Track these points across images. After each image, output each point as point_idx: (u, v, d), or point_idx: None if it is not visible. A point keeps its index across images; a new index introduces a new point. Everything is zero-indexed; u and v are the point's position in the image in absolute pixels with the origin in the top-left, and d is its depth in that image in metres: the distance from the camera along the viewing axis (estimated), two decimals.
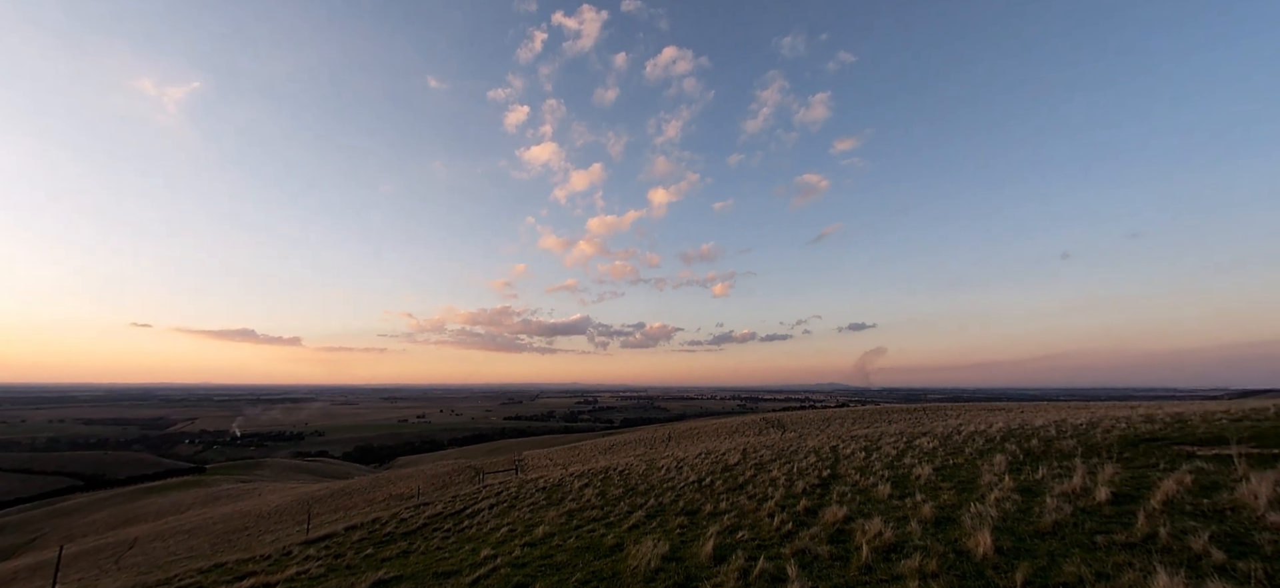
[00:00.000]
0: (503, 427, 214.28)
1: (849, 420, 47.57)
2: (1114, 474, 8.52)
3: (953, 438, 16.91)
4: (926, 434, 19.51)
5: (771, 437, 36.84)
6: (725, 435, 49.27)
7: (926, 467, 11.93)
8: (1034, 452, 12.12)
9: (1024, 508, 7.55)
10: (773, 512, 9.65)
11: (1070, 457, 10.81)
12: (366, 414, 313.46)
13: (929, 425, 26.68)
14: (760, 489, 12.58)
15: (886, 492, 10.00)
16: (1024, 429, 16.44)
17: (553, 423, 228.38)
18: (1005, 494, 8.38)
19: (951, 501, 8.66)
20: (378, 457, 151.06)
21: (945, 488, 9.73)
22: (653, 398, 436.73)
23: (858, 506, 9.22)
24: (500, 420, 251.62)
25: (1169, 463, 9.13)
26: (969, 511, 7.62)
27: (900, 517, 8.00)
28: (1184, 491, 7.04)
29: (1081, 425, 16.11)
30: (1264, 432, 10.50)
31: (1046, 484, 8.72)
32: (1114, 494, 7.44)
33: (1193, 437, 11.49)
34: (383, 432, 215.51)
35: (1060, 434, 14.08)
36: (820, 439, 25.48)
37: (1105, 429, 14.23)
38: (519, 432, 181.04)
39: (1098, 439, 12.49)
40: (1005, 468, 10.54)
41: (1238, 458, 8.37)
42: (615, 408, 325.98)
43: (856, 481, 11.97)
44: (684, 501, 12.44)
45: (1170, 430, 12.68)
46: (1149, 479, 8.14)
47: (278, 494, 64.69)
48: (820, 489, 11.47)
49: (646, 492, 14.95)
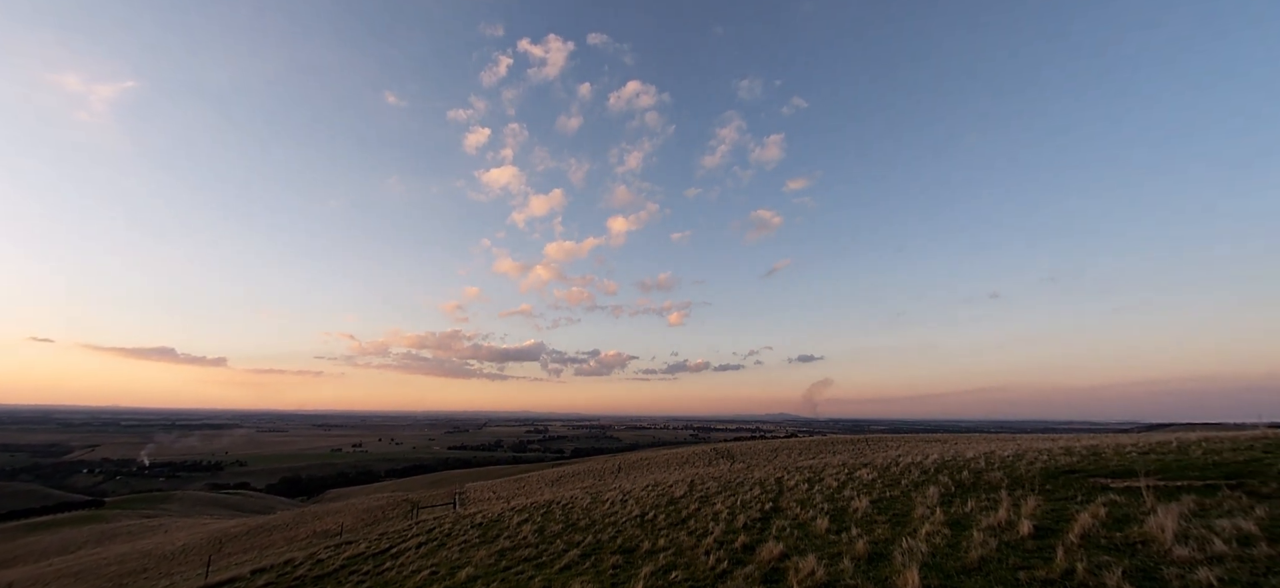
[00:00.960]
0: (446, 457, 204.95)
1: (796, 451, 48.23)
2: (1036, 507, 8.76)
3: (891, 469, 17.23)
4: (867, 465, 19.83)
5: (720, 468, 36.72)
6: (675, 467, 48.83)
7: (864, 499, 11.99)
8: (964, 483, 12.43)
9: (953, 543, 7.58)
10: (710, 549, 9.35)
11: (997, 489, 11.11)
12: (296, 442, 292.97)
13: (870, 457, 27.27)
14: (702, 524, 12.28)
15: (824, 526, 9.91)
16: (956, 461, 16.96)
17: (500, 453, 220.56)
18: (936, 528, 8.43)
19: (885, 535, 8.64)
20: (306, 489, 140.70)
21: (881, 522, 9.74)
22: (605, 427, 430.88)
23: (795, 541, 9.06)
24: (444, 450, 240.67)
25: (1085, 495, 9.49)
26: (901, 546, 7.59)
27: (835, 553, 7.89)
28: (1099, 523, 7.26)
29: (1008, 457, 16.78)
30: (1168, 465, 11.17)
31: (974, 517, 8.86)
32: (1036, 528, 7.59)
33: (1106, 469, 12.09)
34: (313, 462, 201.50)
35: (989, 466, 14.56)
36: (766, 470, 25.51)
37: (1029, 461, 14.84)
38: (464, 463, 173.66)
39: (1022, 471, 12.96)
40: (937, 500, 10.70)
41: (1146, 490, 8.80)
42: (566, 437, 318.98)
43: (797, 514, 11.88)
44: (623, 537, 11.96)
45: (1086, 463, 13.32)
46: (1067, 512, 8.39)
47: (186, 531, 58.76)
48: (761, 524, 11.29)
49: (587, 528, 14.34)
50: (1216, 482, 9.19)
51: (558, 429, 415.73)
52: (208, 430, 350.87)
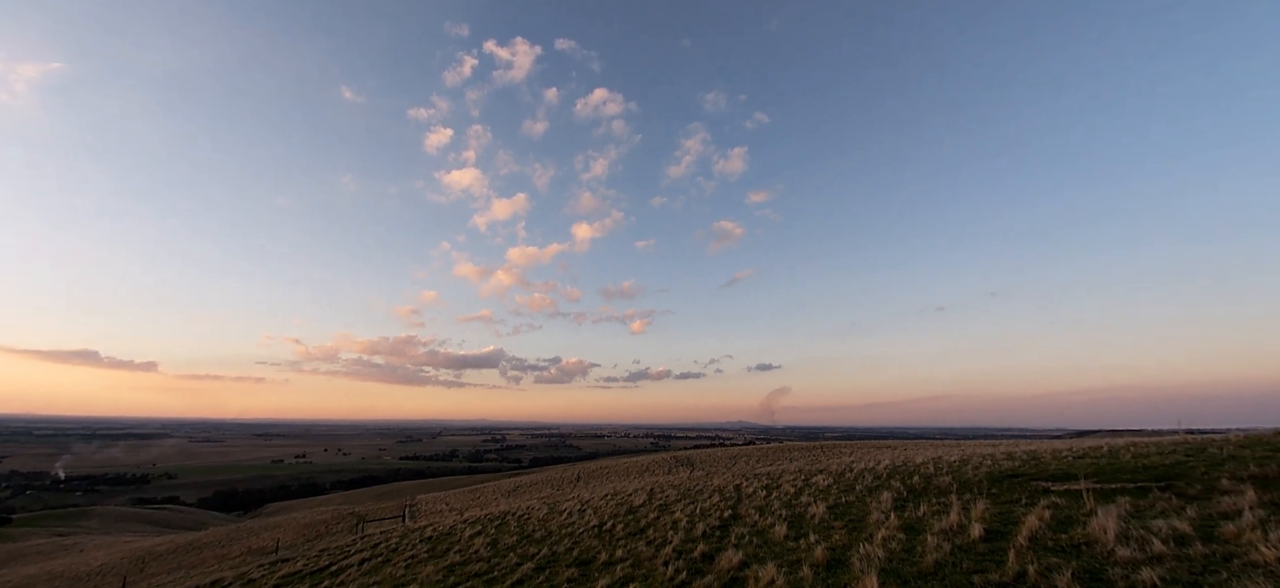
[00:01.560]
0: (398, 467, 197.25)
1: (754, 458, 48.77)
2: (985, 510, 8.97)
3: (845, 475, 17.50)
4: (822, 472, 20.12)
5: (680, 476, 36.65)
6: (635, 475, 48.47)
7: (821, 505, 12.06)
8: (916, 488, 12.70)
9: (908, 547, 7.64)
10: (669, 559, 9.14)
11: (947, 493, 11.38)
12: (234, 453, 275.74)
13: (825, 463, 27.77)
14: (661, 533, 12.05)
15: (783, 533, 9.87)
16: (907, 467, 17.40)
17: (455, 463, 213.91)
18: (891, 533, 8.50)
19: (843, 541, 8.65)
20: (243, 503, 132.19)
21: (838, 527, 9.77)
22: (565, 436, 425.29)
23: (754, 549, 8.96)
24: (395, 461, 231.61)
25: (1029, 498, 9.81)
26: (858, 552, 7.58)
27: (794, 561, 7.81)
28: (1045, 526, 7.47)
29: (955, 462, 17.34)
30: (1102, 468, 11.72)
31: (927, 521, 8.99)
32: (986, 531, 7.74)
33: (1046, 473, 12.59)
34: (252, 474, 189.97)
35: (938, 471, 14.97)
36: (725, 478, 25.56)
37: (975, 466, 15.35)
38: (416, 473, 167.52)
39: (969, 475, 13.36)
40: (891, 505, 10.85)
41: (1086, 493, 9.15)
42: (525, 447, 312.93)
43: (756, 521, 11.82)
44: (579, 549, 11.59)
45: (1028, 467, 13.86)
46: (1014, 514, 8.62)
47: (105, 550, 54.08)
48: (720, 531, 11.17)
49: (542, 540, 13.87)
50: (1147, 484, 9.67)
51: (516, 438, 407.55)
52: (134, 440, 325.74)
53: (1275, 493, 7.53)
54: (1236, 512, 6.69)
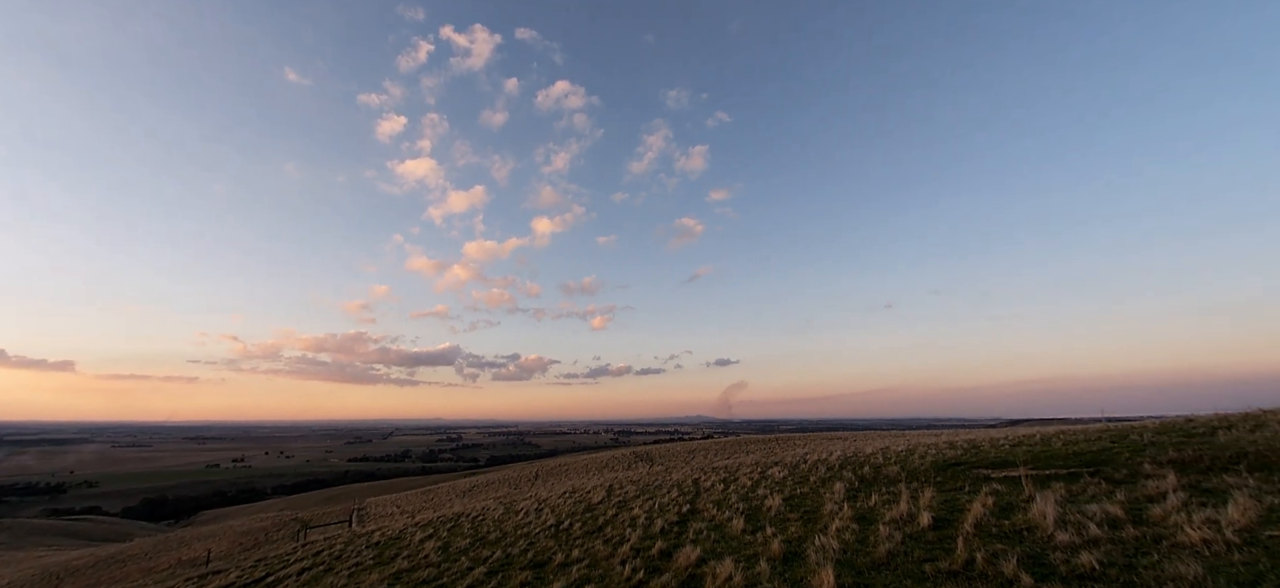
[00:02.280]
0: (346, 470, 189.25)
1: (712, 452, 49.37)
2: (932, 499, 9.24)
3: (800, 467, 17.84)
4: (778, 464, 20.46)
5: (639, 471, 36.64)
6: (594, 471, 48.19)
7: (777, 498, 12.18)
8: (867, 478, 13.03)
9: (861, 537, 7.76)
10: (626, 558, 8.97)
11: (896, 482, 11.71)
12: (163, 458, 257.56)
13: (780, 455, 28.34)
14: (619, 531, 11.88)
15: (740, 527, 9.88)
16: (857, 457, 17.89)
17: (408, 464, 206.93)
18: (845, 524, 8.63)
19: (798, 533, 8.72)
20: (174, 511, 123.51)
21: (793, 519, 9.87)
22: (524, 434, 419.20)
23: (712, 544, 8.92)
24: (343, 463, 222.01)
25: (972, 486, 10.19)
26: (814, 544, 7.64)
27: (751, 555, 7.80)
28: (988, 513, 7.73)
29: (902, 452, 17.98)
30: (1037, 456, 12.35)
31: (879, 511, 9.19)
32: (934, 519, 7.95)
33: (986, 461, 13.18)
34: (184, 480, 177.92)
35: (887, 461, 15.45)
36: (684, 472, 25.66)
37: (921, 456, 15.93)
38: (367, 475, 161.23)
39: (916, 465, 13.83)
40: (844, 496, 11.07)
41: (1024, 480, 9.58)
42: (482, 446, 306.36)
43: (713, 515, 11.82)
44: (535, 550, 11.28)
45: (969, 456, 14.47)
46: (959, 502, 8.92)
47: (13, 567, 49.35)
48: (678, 527, 11.11)
49: (496, 541, 13.45)
50: (1078, 470, 10.22)
51: (473, 437, 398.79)
52: (48, 447, 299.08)
53: (1192, 476, 8.07)
54: (1161, 495, 7.11)
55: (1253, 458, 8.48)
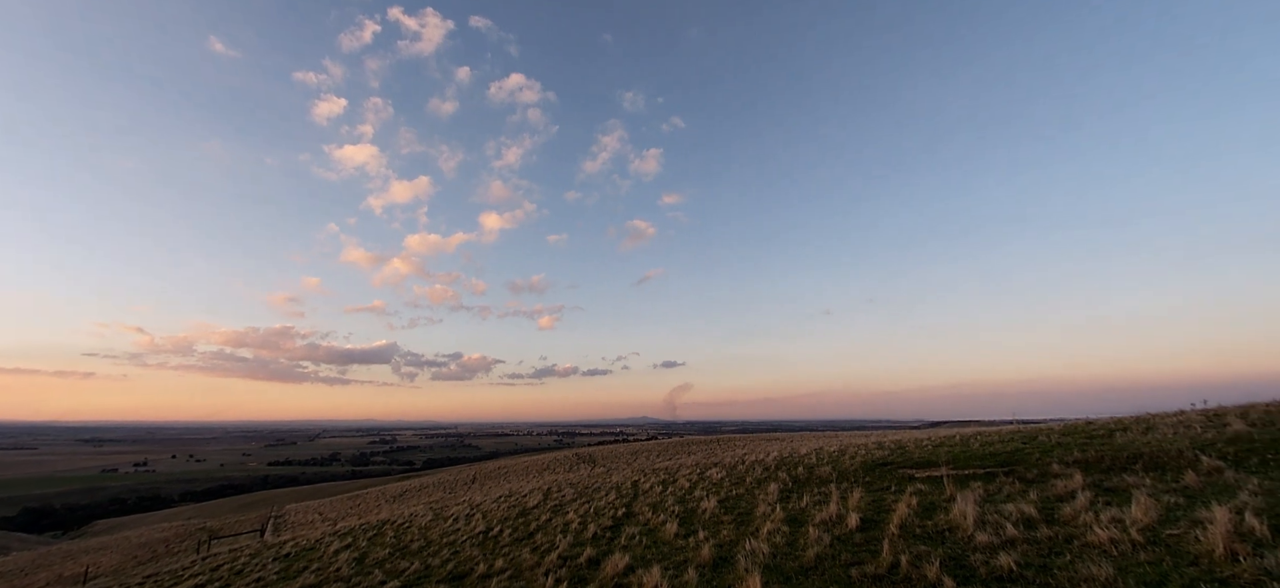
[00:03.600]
0: (266, 475, 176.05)
1: (654, 453, 49.40)
2: (860, 499, 9.35)
3: (737, 468, 17.92)
4: (717, 465, 20.52)
5: (580, 474, 36.04)
6: (534, 474, 47.06)
7: (713, 500, 12.06)
8: (800, 479, 13.17)
9: (791, 540, 7.66)
10: (552, 567, 8.50)
11: (827, 483, 11.86)
12: (51, 462, 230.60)
13: (720, 456, 28.60)
14: (550, 537, 11.37)
15: (673, 531, 9.63)
16: (792, 458, 18.19)
17: (336, 468, 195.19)
18: (776, 526, 8.54)
19: (730, 536, 8.56)
20: (63, 522, 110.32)
21: (727, 522, 9.73)
22: (464, 436, 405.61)
23: (643, 551, 8.60)
24: (263, 467, 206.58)
25: (898, 486, 10.43)
26: (744, 548, 7.47)
27: (681, 562, 7.54)
28: (913, 513, 7.84)
29: (835, 452, 18.44)
30: (957, 456, 12.87)
31: (809, 512, 9.19)
32: (862, 520, 7.99)
33: (911, 461, 13.63)
34: (75, 486, 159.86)
35: (820, 462, 15.74)
36: (625, 474, 25.36)
37: (851, 456, 16.35)
38: (289, 480, 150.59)
39: (846, 465, 14.14)
40: (777, 497, 11.07)
41: (945, 479, 9.87)
42: (417, 448, 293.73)
43: (649, 519, 11.54)
44: (458, 560, 10.58)
45: (896, 457, 14.96)
46: (886, 502, 9.05)
47: None
48: (611, 532, 10.74)
49: (418, 551, 12.59)
50: (994, 469, 10.67)
51: (408, 439, 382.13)
52: None
53: (1096, 475, 8.54)
54: (1070, 494, 7.44)
55: (1147, 458, 9.10)
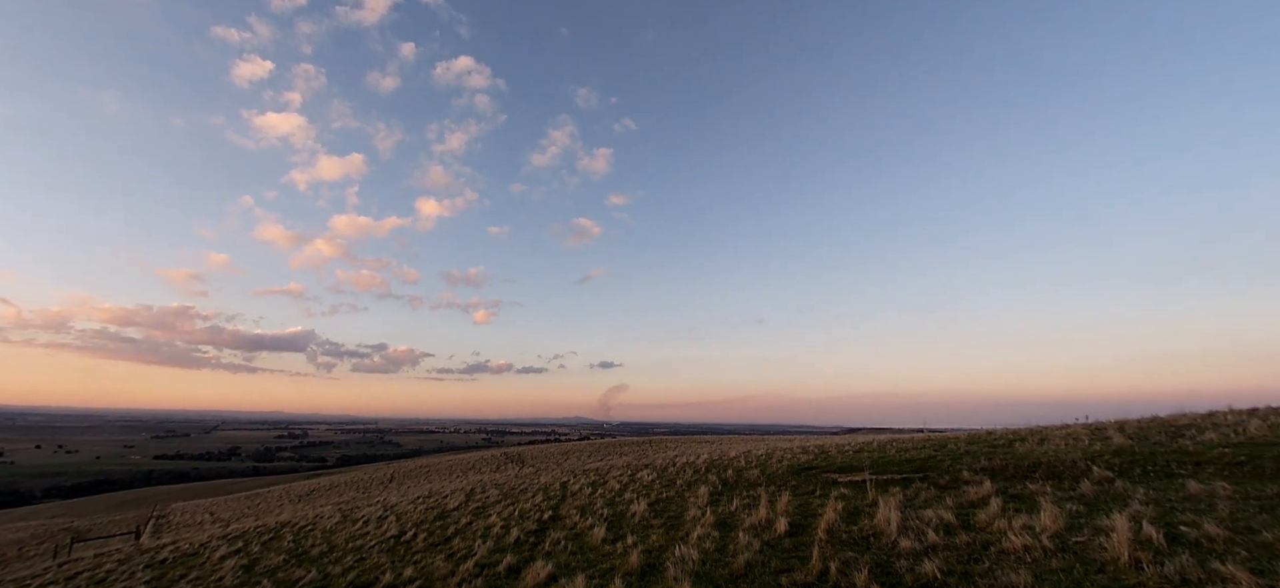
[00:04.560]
0: (151, 469, 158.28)
1: (586, 454, 48.79)
2: (788, 503, 9.40)
3: (668, 470, 17.83)
4: (648, 467, 20.36)
5: (508, 474, 34.84)
6: (459, 474, 45.12)
7: (643, 503, 11.81)
8: (729, 481, 13.21)
9: (721, 545, 7.52)
10: (468, 576, 7.88)
11: (756, 486, 11.94)
12: None
13: (652, 458, 28.54)
14: (468, 542, 10.66)
15: (601, 536, 9.27)
16: (722, 460, 18.35)
17: (236, 463, 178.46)
18: (706, 531, 8.39)
19: (660, 541, 8.31)
20: None
21: (656, 526, 9.49)
22: (385, 431, 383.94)
23: (567, 558, 8.17)
24: (148, 460, 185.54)
25: (823, 490, 10.62)
26: (673, 554, 7.23)
27: (607, 569, 7.19)
28: (839, 518, 7.92)
29: (762, 456, 18.79)
30: (877, 462, 13.38)
31: (739, 516, 9.13)
32: (790, 525, 7.99)
33: (835, 465, 14.04)
34: None
35: (748, 465, 15.93)
36: (554, 475, 24.69)
37: (779, 460, 16.69)
38: (179, 476, 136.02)
39: (774, 468, 14.36)
40: (707, 500, 10.99)
41: (867, 484, 10.15)
42: (331, 443, 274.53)
43: (576, 522, 11.11)
44: (361, 569, 9.66)
45: (820, 461, 15.39)
46: (812, 507, 9.15)
47: None
48: (536, 537, 10.21)
49: (318, 558, 11.44)
50: (911, 475, 11.13)
51: (321, 433, 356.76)
52: None
53: (1003, 482, 9.06)
54: (983, 500, 7.79)
55: (1046, 467, 9.77)
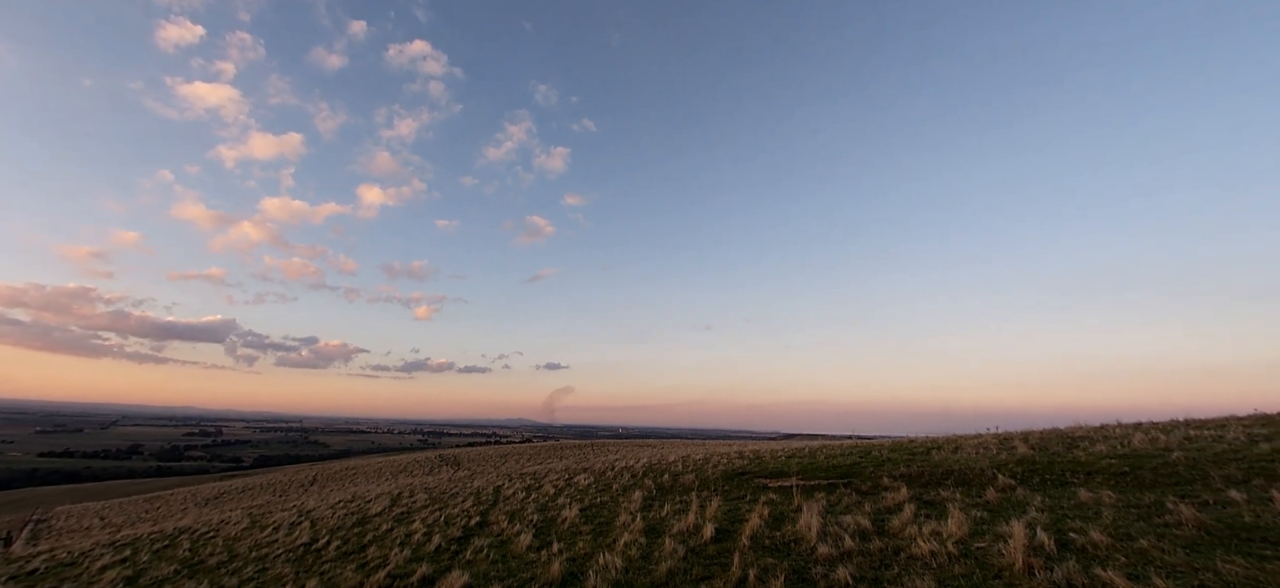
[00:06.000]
0: (34, 467, 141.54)
1: (525, 457, 47.75)
2: (718, 509, 9.46)
3: (606, 474, 17.66)
4: (586, 470, 20.11)
5: (441, 476, 33.54)
6: (387, 476, 42.99)
7: (576, 508, 11.59)
8: (665, 486, 13.19)
9: (647, 553, 7.43)
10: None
11: (690, 491, 11.97)
12: None
13: (591, 462, 28.25)
14: (385, 550, 10.06)
15: (527, 543, 8.97)
16: (660, 465, 18.37)
17: (137, 463, 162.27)
18: (634, 537, 8.28)
19: (586, 548, 8.13)
20: None
21: (585, 532, 9.30)
22: (310, 431, 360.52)
23: (487, 567, 7.83)
24: (31, 457, 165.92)
25: (753, 495, 10.78)
26: (598, 562, 7.07)
27: (527, 579, 6.93)
28: (763, 523, 8.02)
29: (700, 461, 18.96)
30: (806, 467, 13.76)
31: (669, 522, 9.09)
32: (717, 531, 8.01)
33: (767, 470, 14.33)
34: None
35: (685, 469, 16.00)
36: (489, 478, 23.95)
37: (714, 464, 16.87)
38: (69, 475, 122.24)
39: (709, 473, 14.49)
40: (640, 505, 10.90)
41: (794, 489, 10.38)
42: (249, 442, 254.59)
43: (503, 529, 10.73)
44: (262, 580, 8.90)
45: (753, 466, 15.68)
46: (740, 512, 9.24)
47: None
48: (459, 544, 9.76)
49: (216, 569, 10.47)
50: (836, 481, 11.49)
51: (238, 431, 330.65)
52: None
53: (918, 489, 9.49)
54: (898, 506, 8.10)
55: (957, 475, 10.34)
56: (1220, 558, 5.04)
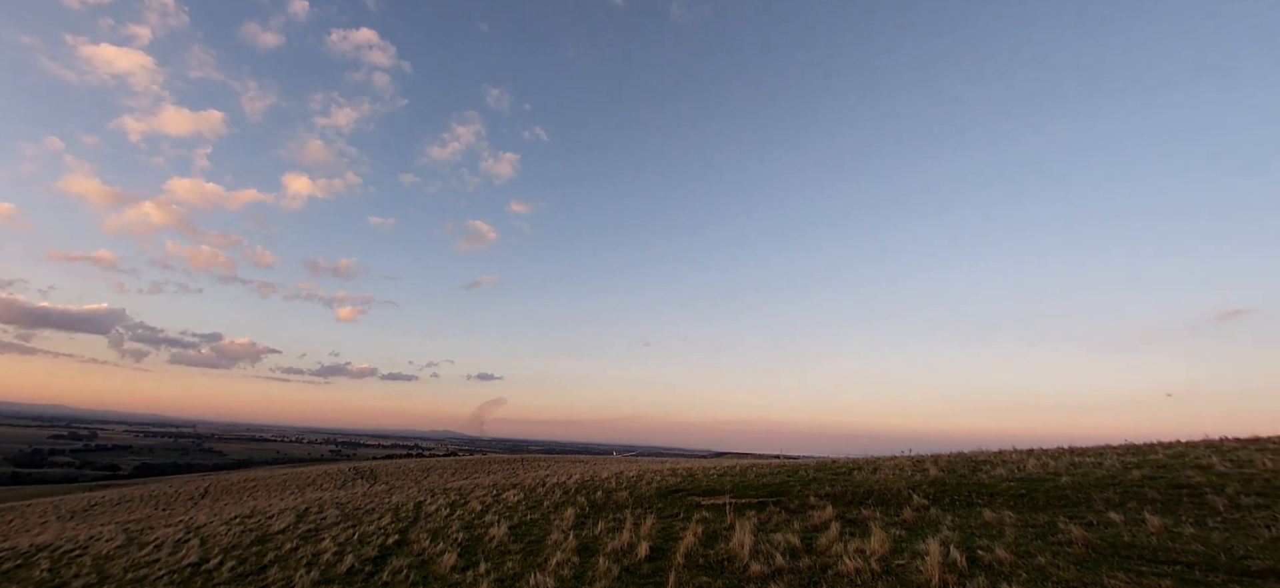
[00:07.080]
0: None
1: (449, 471, 45.59)
2: (652, 526, 9.42)
3: (537, 490, 17.17)
4: (515, 486, 19.47)
5: (354, 491, 31.30)
6: (294, 490, 39.57)
7: (504, 526, 11.14)
8: (598, 503, 12.99)
9: (579, 572, 7.24)
10: None
11: (623, 508, 11.86)
12: None
13: (521, 477, 27.41)
14: (288, 572, 9.19)
15: (451, 562, 8.50)
16: (593, 481, 18.12)
17: None
18: (566, 557, 8.06)
19: (515, 568, 7.81)
20: None
21: (515, 552, 8.95)
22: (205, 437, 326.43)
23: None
24: None
25: (686, 513, 10.84)
26: (528, 583, 6.84)
27: None
28: (697, 542, 8.06)
29: (633, 478, 18.88)
30: (738, 485, 14.04)
31: (602, 541, 8.93)
32: (651, 549, 7.96)
33: (700, 488, 14.48)
34: None
35: (618, 486, 15.86)
36: (409, 493, 22.63)
37: (649, 482, 16.85)
38: None
39: (643, 491, 14.44)
40: (572, 523, 10.65)
41: (727, 507, 10.52)
42: (129, 448, 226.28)
43: (424, 548, 10.13)
44: None
45: (687, 484, 15.81)
46: (674, 530, 9.24)
47: None
48: (374, 566, 9.10)
49: None
50: (766, 499, 11.79)
51: (117, 435, 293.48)
52: None
53: (842, 508, 9.91)
54: (825, 524, 8.41)
55: (877, 495, 10.91)
56: (1106, 573, 5.59)
